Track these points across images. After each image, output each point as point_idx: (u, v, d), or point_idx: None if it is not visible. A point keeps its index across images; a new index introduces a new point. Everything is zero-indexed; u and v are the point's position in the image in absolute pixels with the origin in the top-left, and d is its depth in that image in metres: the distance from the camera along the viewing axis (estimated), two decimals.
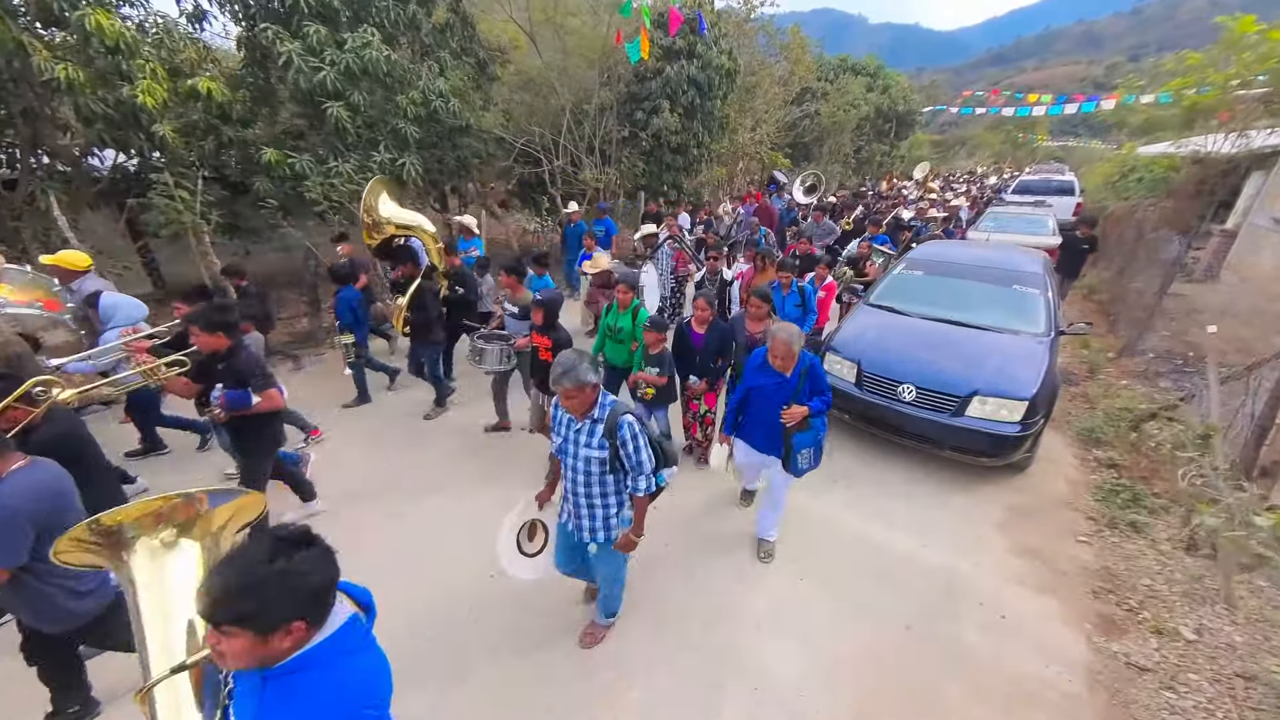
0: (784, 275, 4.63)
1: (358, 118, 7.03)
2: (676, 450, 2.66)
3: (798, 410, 2.86)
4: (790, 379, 2.89)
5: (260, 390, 2.92)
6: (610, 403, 2.26)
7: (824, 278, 5.30)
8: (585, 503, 2.36)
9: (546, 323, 3.66)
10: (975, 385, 3.89)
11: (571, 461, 2.32)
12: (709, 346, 3.83)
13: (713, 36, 10.76)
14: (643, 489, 2.31)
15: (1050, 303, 4.65)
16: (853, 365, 4.42)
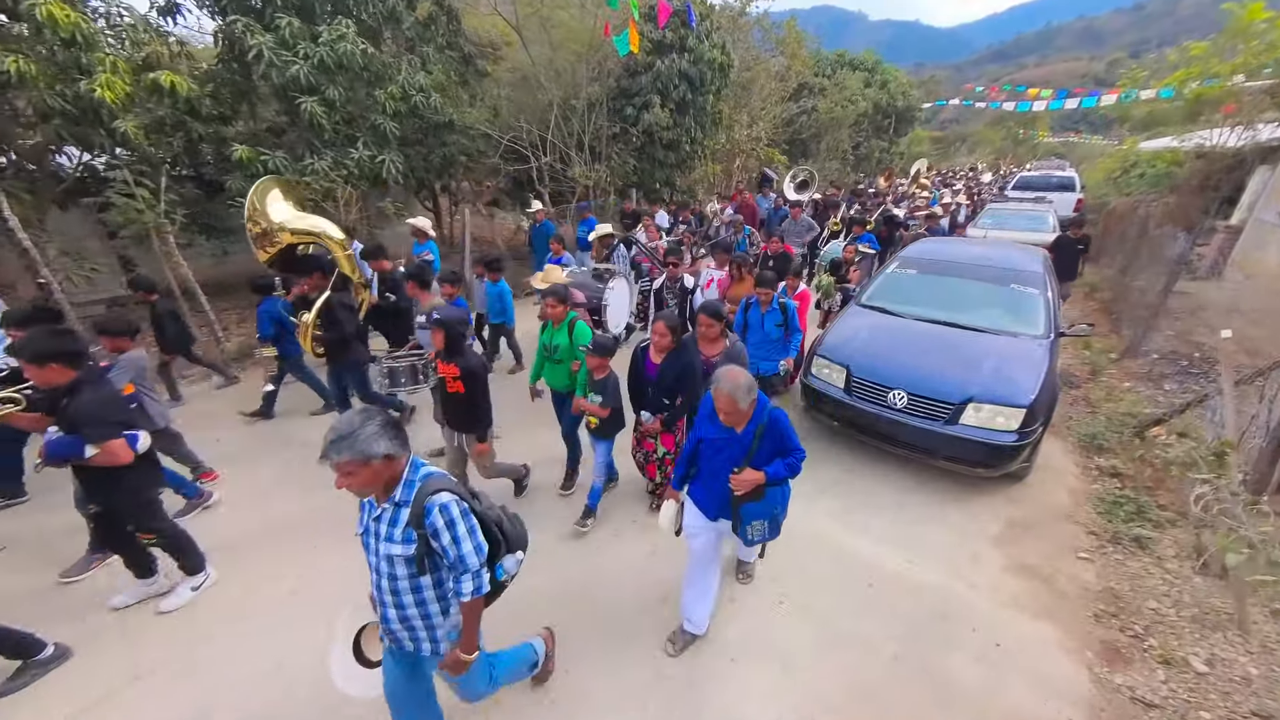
0: (763, 292, 4.04)
1: (334, 113, 6.81)
2: (524, 532, 2.01)
3: (748, 477, 2.27)
4: (742, 436, 2.29)
5: (99, 440, 2.37)
6: (421, 477, 1.69)
7: (795, 287, 4.72)
8: (395, 614, 1.74)
9: (449, 347, 3.05)
10: (969, 391, 3.66)
11: (373, 560, 1.73)
12: (664, 380, 3.19)
13: (704, 30, 10.52)
14: (468, 592, 1.70)
15: (1050, 302, 4.43)
16: (841, 370, 4.19)
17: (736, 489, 2.29)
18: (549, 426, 3.99)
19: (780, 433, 2.30)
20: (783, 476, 2.33)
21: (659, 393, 3.24)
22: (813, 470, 4.19)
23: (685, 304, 4.68)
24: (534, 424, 4.33)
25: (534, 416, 4.21)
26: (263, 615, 2.92)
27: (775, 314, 4.08)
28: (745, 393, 2.15)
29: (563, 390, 3.69)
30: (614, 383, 3.30)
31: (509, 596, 2.00)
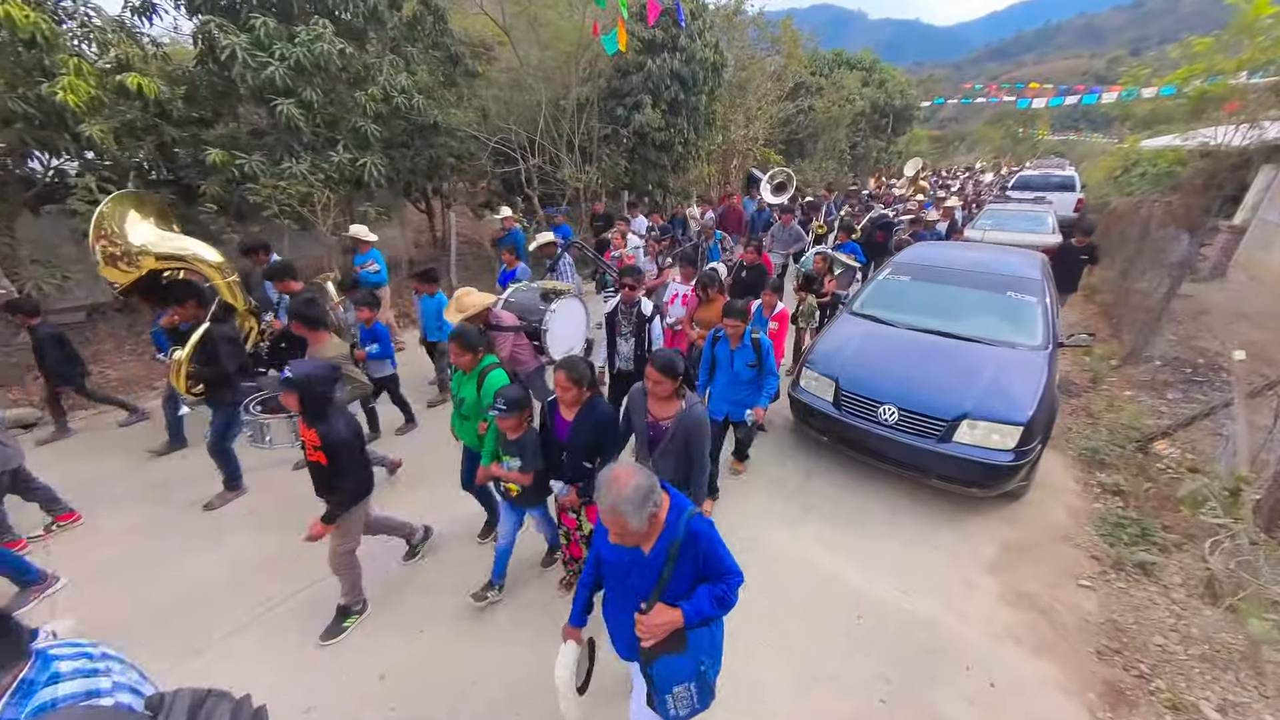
0: (732, 325, 3.34)
1: (312, 115, 6.62)
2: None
3: (658, 619, 1.61)
4: (650, 558, 1.64)
5: None
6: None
7: (773, 305, 4.23)
8: None
9: (308, 411, 2.44)
10: (964, 407, 3.48)
11: None
12: (578, 440, 2.54)
13: (696, 28, 10.33)
14: None
15: (1049, 311, 4.24)
16: (830, 383, 4.00)
17: (644, 637, 1.62)
18: None
19: (704, 551, 1.64)
20: (708, 615, 1.65)
21: (574, 456, 2.59)
22: (801, 488, 4.03)
23: (642, 333, 3.88)
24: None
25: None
26: None
27: (747, 351, 3.41)
28: (636, 507, 1.48)
29: (474, 449, 3.06)
30: (533, 441, 2.63)
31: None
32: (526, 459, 2.61)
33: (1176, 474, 4.07)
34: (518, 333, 3.89)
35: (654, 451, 2.52)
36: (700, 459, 2.47)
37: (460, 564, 3.25)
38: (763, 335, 3.45)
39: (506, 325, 3.80)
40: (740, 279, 5.60)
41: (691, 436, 2.43)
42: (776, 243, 7.80)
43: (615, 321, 3.94)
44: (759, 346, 3.40)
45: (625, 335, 3.93)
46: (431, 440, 4.50)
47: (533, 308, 4.12)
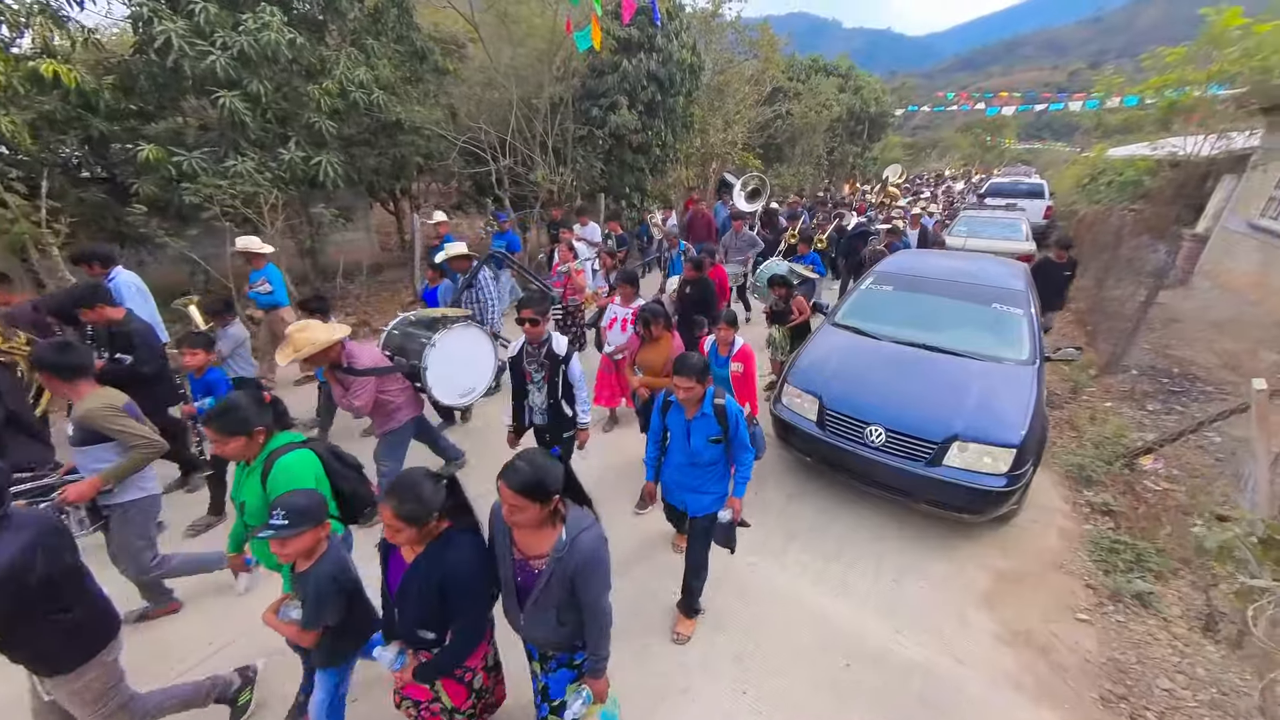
0: (686, 386, 2.39)
1: (260, 110, 6.15)
2: None
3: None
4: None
5: None
6: None
7: (729, 341, 3.48)
8: None
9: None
10: (954, 428, 3.27)
11: None
12: (406, 601, 1.69)
13: (673, 29, 10.12)
14: None
15: (1034, 323, 4.09)
16: (814, 401, 3.77)
17: None
18: None
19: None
20: None
21: (405, 622, 1.71)
22: (784, 512, 3.78)
23: (556, 379, 3.02)
24: None
25: None
26: None
27: (709, 422, 2.46)
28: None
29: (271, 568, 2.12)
30: (327, 578, 1.76)
31: None
32: (308, 608, 1.75)
33: (1166, 490, 3.97)
34: (386, 375, 3.10)
35: (524, 605, 1.71)
36: (596, 612, 1.69)
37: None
38: (729, 399, 2.52)
39: (362, 368, 2.95)
40: (684, 295, 5.03)
41: (579, 581, 1.63)
42: (731, 251, 7.21)
43: (521, 367, 3.06)
44: (724, 416, 2.44)
45: (537, 383, 3.06)
46: None
47: (409, 342, 3.29)
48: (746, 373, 3.46)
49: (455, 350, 3.35)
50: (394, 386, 3.19)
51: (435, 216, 7.00)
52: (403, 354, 3.30)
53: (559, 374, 3.02)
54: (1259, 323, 7.38)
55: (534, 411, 3.16)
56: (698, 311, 4.67)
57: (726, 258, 6.98)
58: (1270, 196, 8.54)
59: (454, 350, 3.34)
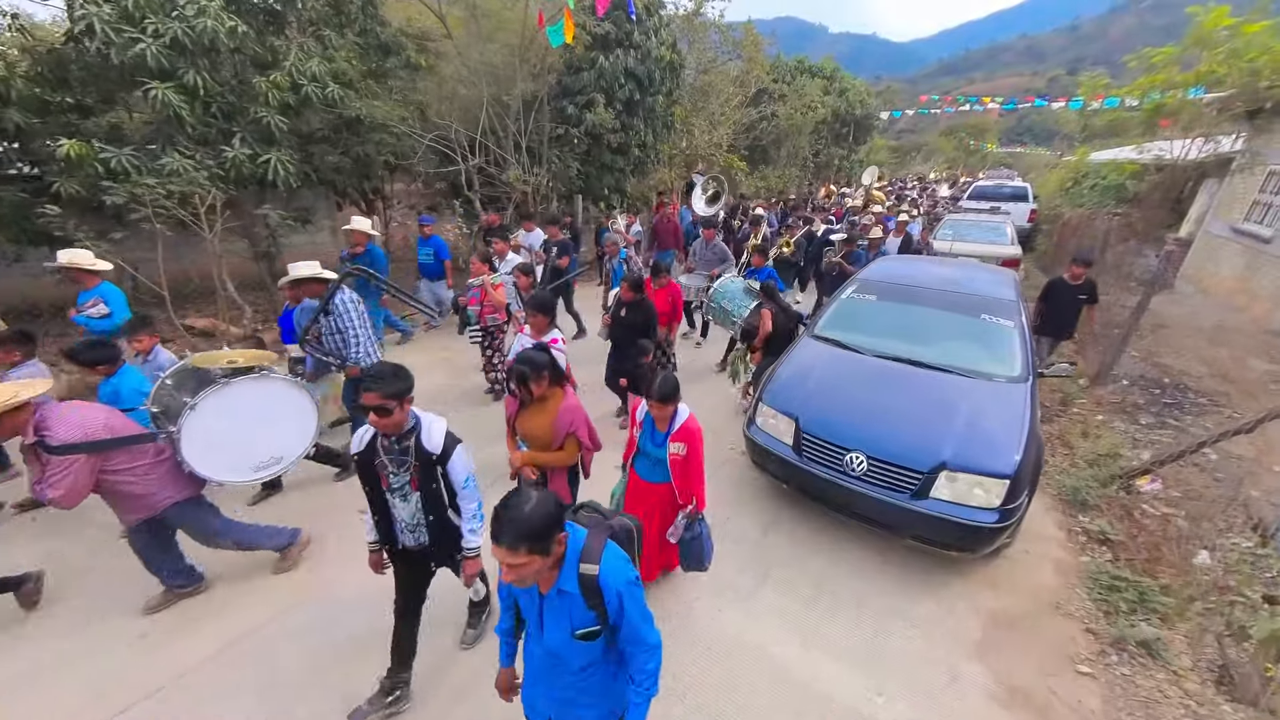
0: (515, 564, 1.26)
1: (198, 103, 5.69)
2: None
3: None
4: None
5: None
6: None
7: (667, 416, 2.54)
8: None
9: None
10: (941, 456, 2.96)
11: None
12: None
13: (652, 25, 9.80)
14: None
15: (1026, 335, 3.81)
16: (790, 423, 3.44)
17: None
18: None
19: None
20: None
21: None
22: (758, 546, 3.44)
23: (434, 485, 2.10)
24: None
25: None
26: None
27: (571, 605, 1.41)
28: None
29: None
30: None
31: None
32: None
33: (1165, 514, 3.71)
34: (112, 450, 2.32)
35: None
36: None
37: None
38: (607, 564, 1.41)
39: (58, 443, 2.14)
40: (619, 320, 4.33)
41: None
42: (699, 263, 6.45)
43: (376, 465, 2.05)
44: (597, 595, 1.39)
45: (400, 491, 2.07)
46: None
47: (178, 403, 2.61)
48: (691, 455, 2.54)
49: (240, 411, 2.69)
50: (140, 462, 2.43)
51: (353, 222, 5.77)
52: (167, 416, 2.63)
53: (435, 479, 2.04)
54: (1244, 329, 7.26)
55: (402, 529, 2.14)
56: (635, 341, 4.13)
57: (693, 269, 6.44)
58: (1254, 200, 8.47)
59: (237, 411, 2.68)
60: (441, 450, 2.04)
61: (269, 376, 2.88)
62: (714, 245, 6.42)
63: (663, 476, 2.63)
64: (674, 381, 2.52)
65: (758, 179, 19.31)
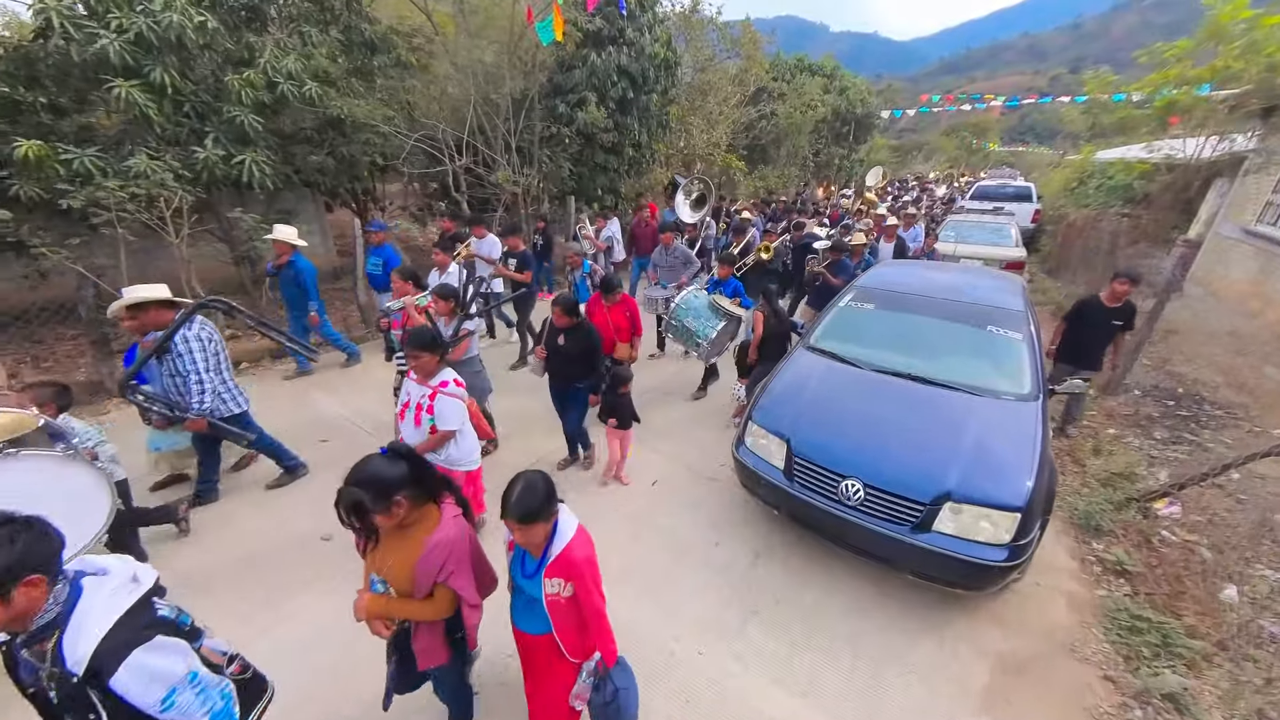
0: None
1: (165, 102, 5.45)
2: None
3: None
4: None
5: None
6: None
7: (539, 541, 1.73)
8: None
9: None
10: (945, 484, 2.71)
11: None
12: None
13: (646, 21, 9.54)
14: None
15: (1036, 348, 3.55)
16: (781, 444, 3.19)
17: None
18: None
19: None
20: None
21: None
22: (745, 577, 3.19)
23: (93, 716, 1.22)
24: None
25: None
26: None
27: None
28: None
29: None
30: None
31: None
32: None
33: (1186, 542, 3.45)
34: None
35: None
36: None
37: None
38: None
39: None
40: (555, 351, 3.69)
41: None
42: (660, 272, 5.80)
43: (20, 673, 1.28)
44: None
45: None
46: None
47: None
48: (581, 596, 1.73)
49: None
50: None
51: (276, 231, 5.10)
52: None
53: (91, 709, 1.21)
54: (1259, 336, 6.98)
55: None
56: (575, 375, 3.70)
57: (656, 281, 5.85)
58: (1267, 201, 8.18)
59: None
60: (100, 665, 1.17)
61: (23, 455, 2.14)
62: (674, 250, 5.80)
63: (543, 626, 1.78)
64: (541, 490, 1.67)
65: (756, 179, 19.03)
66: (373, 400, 5.06)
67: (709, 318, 4.64)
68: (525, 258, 5.75)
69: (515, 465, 2.58)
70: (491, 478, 3.18)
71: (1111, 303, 4.38)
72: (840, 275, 5.54)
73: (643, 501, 3.88)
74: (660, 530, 3.59)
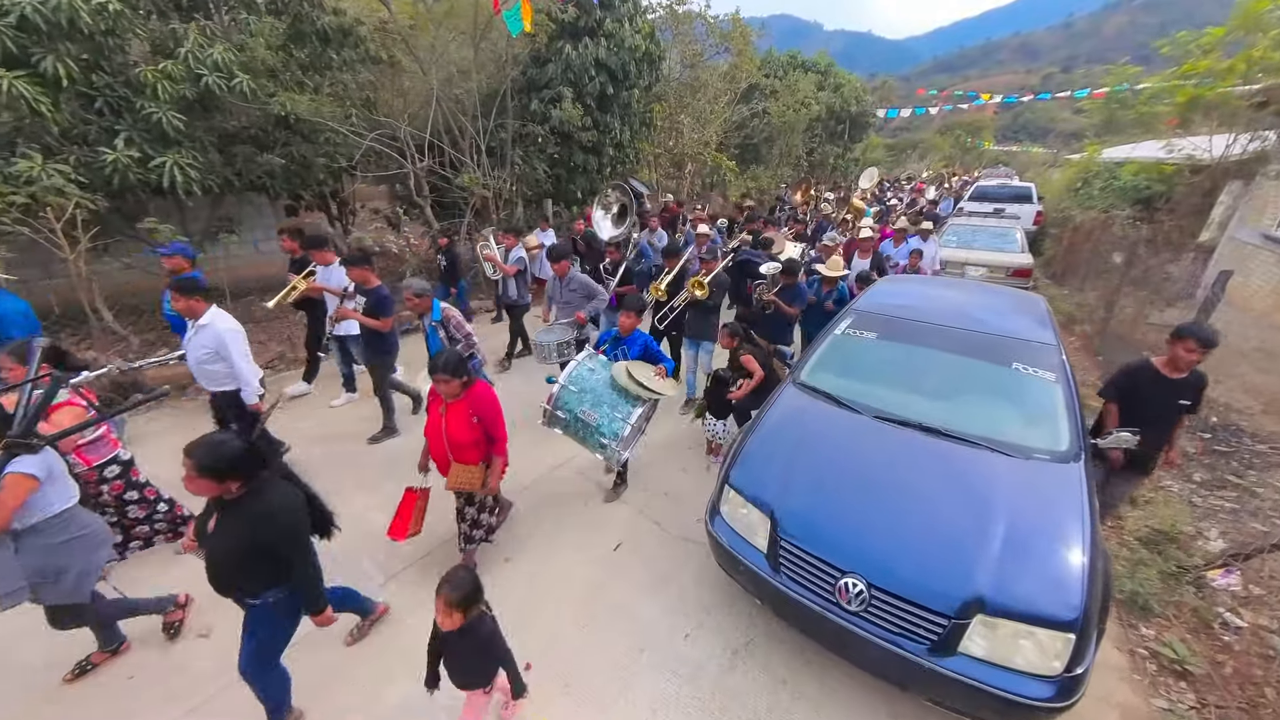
0: None
1: (65, 97, 4.75)
2: None
3: None
4: None
5: None
6: None
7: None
8: None
9: None
10: (974, 588, 2.08)
11: None
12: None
13: (626, 12, 8.88)
14: None
15: (1072, 391, 2.93)
16: (764, 519, 2.56)
17: None
18: None
19: None
20: None
21: None
22: (719, 686, 2.53)
23: None
24: None
25: None
26: None
27: None
28: None
29: None
30: None
31: None
32: None
33: (1254, 627, 2.85)
34: None
35: None
36: None
37: None
38: None
39: None
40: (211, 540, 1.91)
41: None
42: (556, 310, 4.67)
43: None
44: None
45: None
46: None
47: None
48: None
49: None
50: None
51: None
52: None
53: None
54: None
55: None
56: (246, 583, 1.96)
57: (547, 317, 4.75)
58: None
59: None
60: None
61: None
62: (571, 281, 4.58)
63: None
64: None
65: (748, 179, 18.44)
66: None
67: (616, 403, 3.18)
68: (380, 299, 4.11)
69: None
70: None
71: (1173, 372, 3.03)
72: (795, 303, 4.69)
73: (599, 569, 3.25)
74: (618, 612, 2.95)
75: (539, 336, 4.28)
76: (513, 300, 6.10)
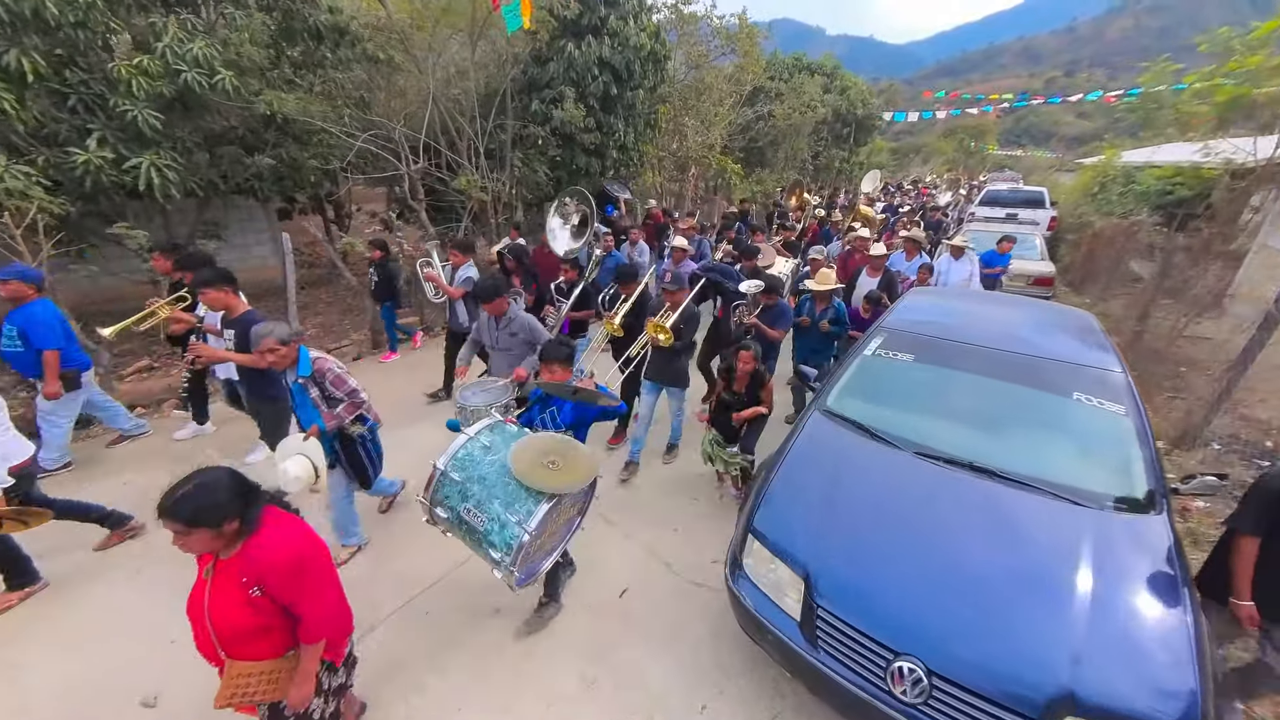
0: None
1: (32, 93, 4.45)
2: None
3: None
4: None
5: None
6: None
7: None
8: None
9: None
10: (1061, 679, 1.71)
11: None
12: None
13: (630, 9, 8.57)
14: None
15: (1146, 429, 2.56)
16: (795, 579, 2.19)
17: None
18: None
19: None
20: None
21: None
22: None
23: None
24: None
25: None
26: None
27: None
28: None
29: None
30: None
31: None
32: None
33: None
34: None
35: None
36: None
37: None
38: None
39: None
40: None
41: None
42: (494, 358, 3.70)
43: None
44: None
45: None
46: None
47: None
48: None
49: None
50: None
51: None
52: None
53: None
54: None
55: None
56: None
57: (492, 363, 3.79)
58: None
59: None
60: None
61: None
62: (511, 323, 3.50)
63: None
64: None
65: (753, 183, 18.14)
66: None
67: (512, 499, 1.97)
68: (248, 326, 3.11)
69: None
70: None
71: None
72: (779, 325, 4.21)
73: (605, 621, 2.88)
74: (623, 671, 2.59)
75: (463, 396, 3.02)
76: (462, 327, 4.84)
